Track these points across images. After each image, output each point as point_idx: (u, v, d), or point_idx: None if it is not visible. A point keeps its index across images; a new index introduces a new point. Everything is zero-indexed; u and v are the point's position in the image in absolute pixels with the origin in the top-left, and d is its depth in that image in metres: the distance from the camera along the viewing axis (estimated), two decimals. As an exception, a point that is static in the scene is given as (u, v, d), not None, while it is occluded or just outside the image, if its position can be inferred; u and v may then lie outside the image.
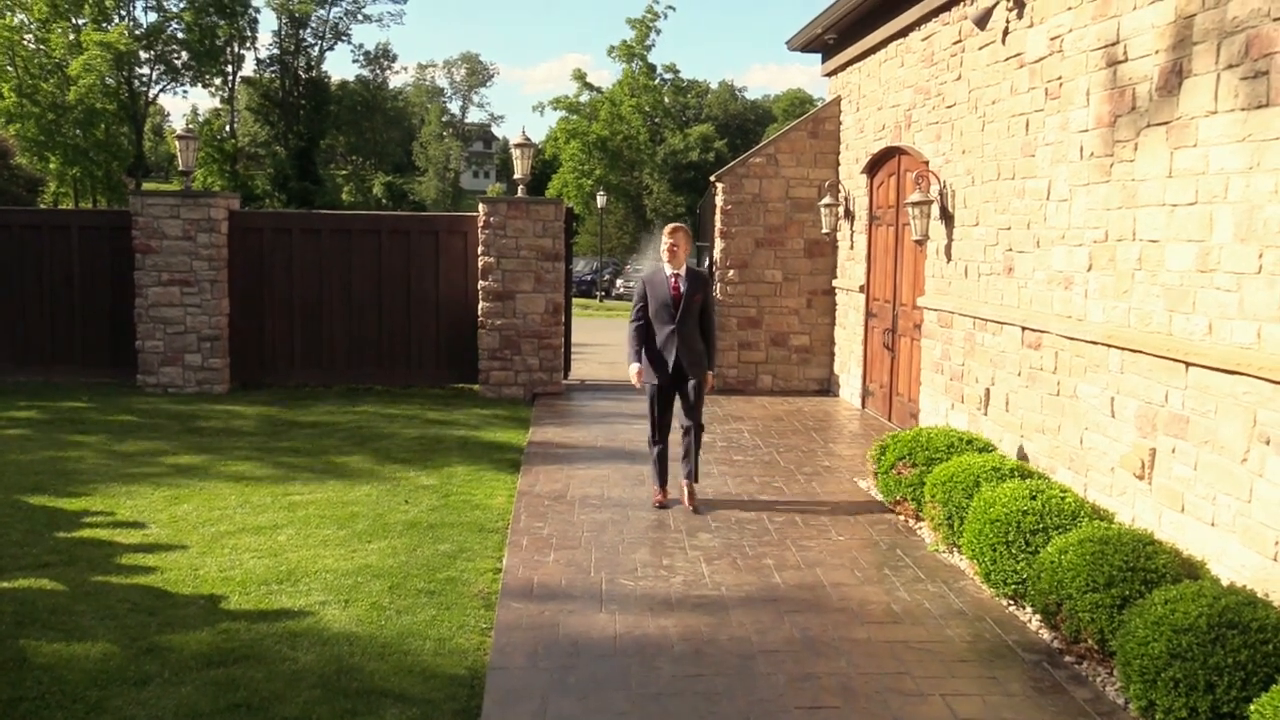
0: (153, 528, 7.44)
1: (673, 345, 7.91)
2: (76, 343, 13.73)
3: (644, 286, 8.08)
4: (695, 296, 7.93)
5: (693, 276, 8.00)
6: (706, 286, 8.12)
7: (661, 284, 7.96)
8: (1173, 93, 6.05)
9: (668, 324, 7.92)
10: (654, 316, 7.97)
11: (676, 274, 7.94)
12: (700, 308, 7.99)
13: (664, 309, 7.92)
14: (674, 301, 7.89)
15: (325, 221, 14.19)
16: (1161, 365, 6.09)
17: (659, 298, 7.94)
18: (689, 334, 7.95)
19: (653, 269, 8.17)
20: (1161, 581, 5.05)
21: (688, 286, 7.93)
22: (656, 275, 8.04)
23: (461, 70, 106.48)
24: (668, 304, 7.90)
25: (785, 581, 6.44)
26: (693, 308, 7.93)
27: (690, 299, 7.91)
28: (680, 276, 7.94)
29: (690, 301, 7.91)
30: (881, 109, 11.89)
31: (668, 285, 7.94)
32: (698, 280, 8.04)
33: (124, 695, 4.74)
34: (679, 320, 7.89)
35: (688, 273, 7.97)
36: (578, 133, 58.38)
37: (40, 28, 52.20)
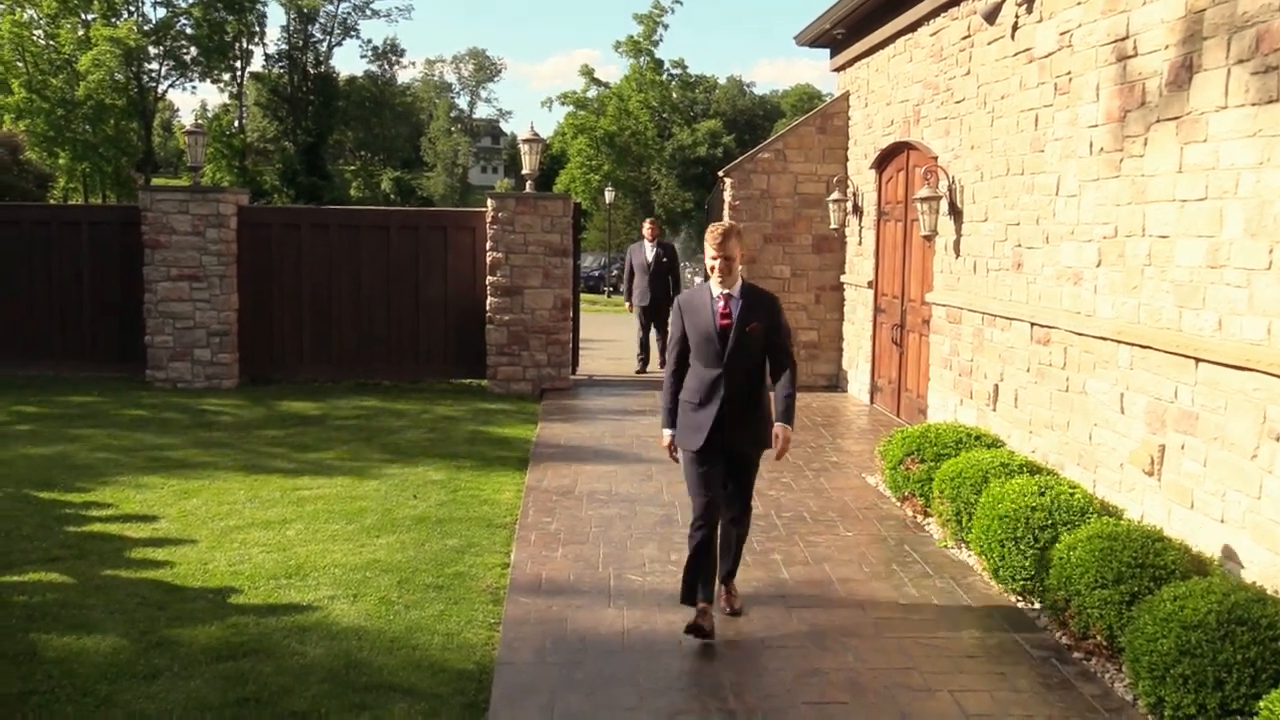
0: (162, 522, 7.47)
1: (716, 398, 5.51)
2: (86, 338, 13.76)
3: (680, 314, 5.70)
4: (752, 326, 5.51)
5: (752, 298, 5.60)
6: (774, 312, 5.65)
7: (703, 308, 5.58)
8: (1183, 88, 6.03)
9: (712, 367, 5.55)
10: (695, 356, 5.64)
11: (727, 294, 5.56)
12: (763, 343, 5.58)
13: (707, 345, 5.55)
14: (721, 334, 5.52)
15: (334, 217, 14.21)
16: (1171, 361, 6.08)
17: (700, 328, 5.57)
18: (744, 383, 5.55)
19: (690, 293, 5.79)
20: (1171, 578, 5.04)
21: (742, 312, 5.54)
22: (697, 297, 5.67)
23: (469, 65, 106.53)
24: (712, 337, 5.52)
25: (793, 577, 6.44)
26: (749, 344, 5.53)
27: (744, 330, 5.51)
28: (732, 298, 5.55)
29: (745, 334, 5.51)
30: (890, 104, 11.86)
31: (712, 311, 5.56)
32: (759, 303, 5.61)
33: (134, 689, 4.76)
34: (728, 361, 5.51)
35: (744, 292, 5.59)
36: (585, 128, 58.37)
37: (49, 23, 52.29)
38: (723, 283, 5.60)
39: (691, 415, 5.62)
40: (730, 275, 5.59)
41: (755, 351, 5.59)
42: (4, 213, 14.19)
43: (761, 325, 5.56)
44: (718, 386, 5.56)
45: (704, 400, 5.59)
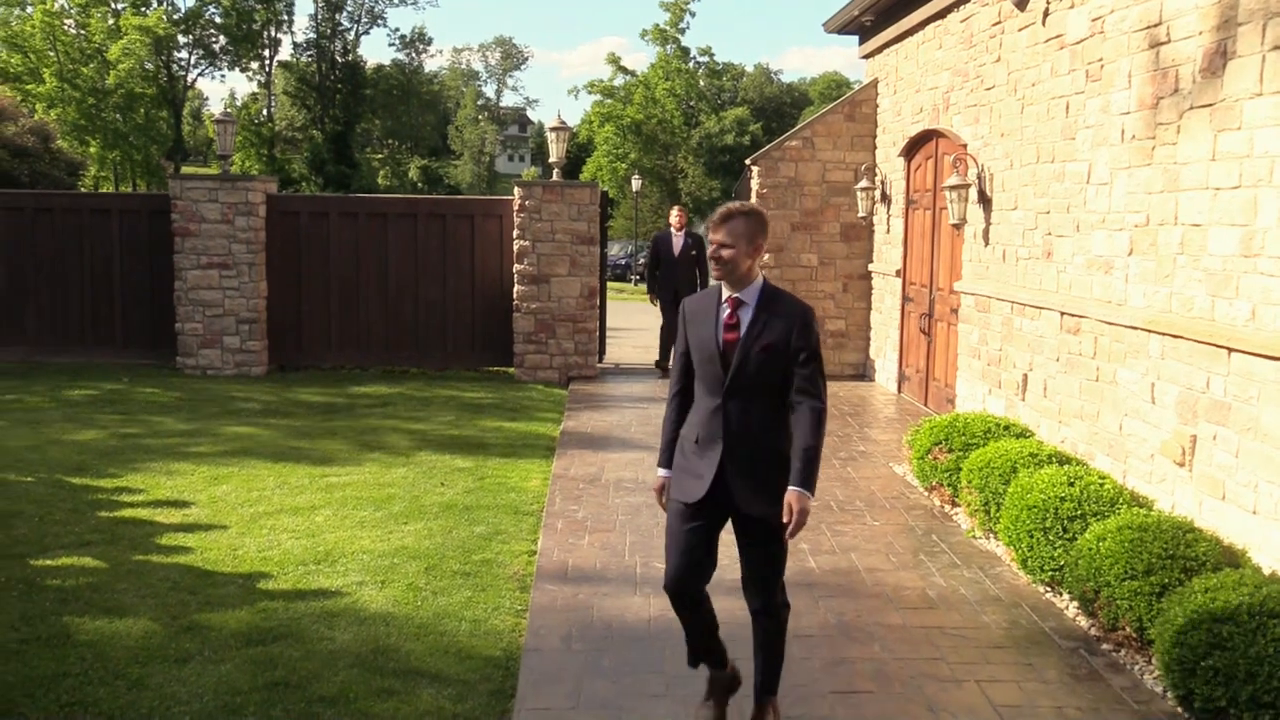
0: (192, 507, 7.53)
1: (717, 440, 4.18)
2: (117, 325, 13.88)
3: (683, 323, 4.37)
4: (765, 344, 4.10)
5: (771, 306, 4.17)
6: (802, 327, 4.11)
7: (708, 317, 4.25)
8: (1217, 74, 5.96)
9: (714, 395, 4.20)
10: (698, 379, 4.29)
11: (736, 299, 4.19)
12: (782, 367, 4.11)
13: (709, 366, 4.21)
14: (724, 353, 4.16)
15: (362, 205, 14.26)
16: (1203, 351, 6.02)
17: (703, 344, 4.23)
18: (754, 421, 4.16)
19: (698, 296, 4.43)
20: (1201, 569, 5.00)
21: (754, 325, 4.14)
22: (704, 302, 4.32)
23: (496, 54, 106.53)
24: (714, 356, 4.17)
25: (820, 566, 6.43)
26: (762, 368, 4.11)
27: (753, 350, 4.11)
28: (742, 304, 4.18)
29: (754, 353, 4.11)
30: (919, 91, 11.79)
31: (717, 321, 4.22)
32: (781, 313, 4.15)
33: (165, 672, 4.81)
34: (729, 390, 4.15)
35: (762, 299, 4.18)
36: (612, 116, 58.36)
37: (80, 13, 52.69)
38: (731, 283, 4.17)
39: (689, 458, 4.28)
40: (736, 273, 4.13)
41: (771, 379, 4.11)
42: (37, 201, 14.32)
43: (780, 344, 4.07)
44: (717, 424, 4.17)
45: (703, 440, 4.22)
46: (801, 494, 4.02)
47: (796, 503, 4.01)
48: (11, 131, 23.00)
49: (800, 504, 4.01)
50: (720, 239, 4.15)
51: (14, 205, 13.99)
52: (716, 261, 4.17)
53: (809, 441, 4.04)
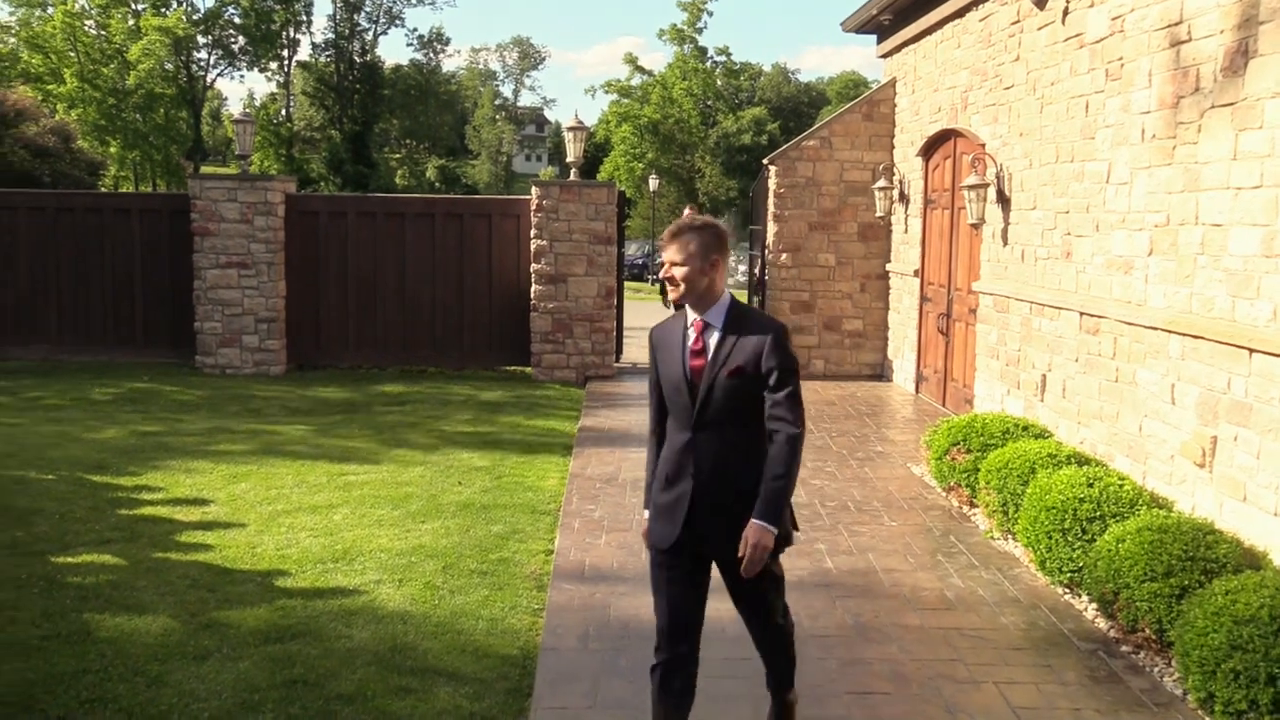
0: (211, 506, 7.57)
1: (686, 477, 3.85)
2: (138, 324, 13.96)
3: (653, 352, 4.04)
4: (733, 367, 3.77)
5: (738, 326, 3.82)
6: (774, 347, 3.76)
7: (674, 345, 3.93)
8: (1238, 73, 5.92)
9: (683, 429, 3.87)
10: (669, 411, 3.96)
11: (703, 321, 3.87)
12: (754, 392, 3.77)
13: (677, 397, 3.88)
14: (690, 382, 3.84)
15: (380, 205, 14.31)
16: (1224, 351, 5.98)
17: (670, 372, 3.91)
18: (725, 455, 3.83)
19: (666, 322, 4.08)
20: (1222, 571, 4.97)
21: (720, 348, 3.81)
22: (671, 326, 3.99)
23: (514, 54, 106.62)
24: (681, 386, 3.85)
25: (837, 566, 6.42)
26: (732, 397, 3.78)
27: (720, 374, 3.79)
28: (708, 328, 3.86)
29: (721, 379, 3.78)
30: (938, 91, 11.75)
31: (683, 349, 3.89)
32: (750, 334, 3.80)
33: (184, 669, 4.83)
34: (697, 421, 3.83)
35: (730, 318, 3.85)
36: (629, 116, 58.36)
37: (100, 14, 53.01)
38: (693, 304, 3.86)
39: (661, 496, 3.92)
40: (695, 292, 3.82)
41: (743, 406, 3.77)
42: (58, 200, 14.42)
43: (750, 366, 3.74)
44: (688, 459, 3.83)
45: (672, 478, 3.88)
46: (761, 528, 3.67)
47: (753, 536, 3.67)
48: (33, 132, 23.15)
49: (757, 538, 3.66)
50: (671, 257, 3.83)
51: (36, 205, 14.09)
52: (670, 283, 3.86)
53: (777, 470, 3.70)
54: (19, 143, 22.01)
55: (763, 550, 3.68)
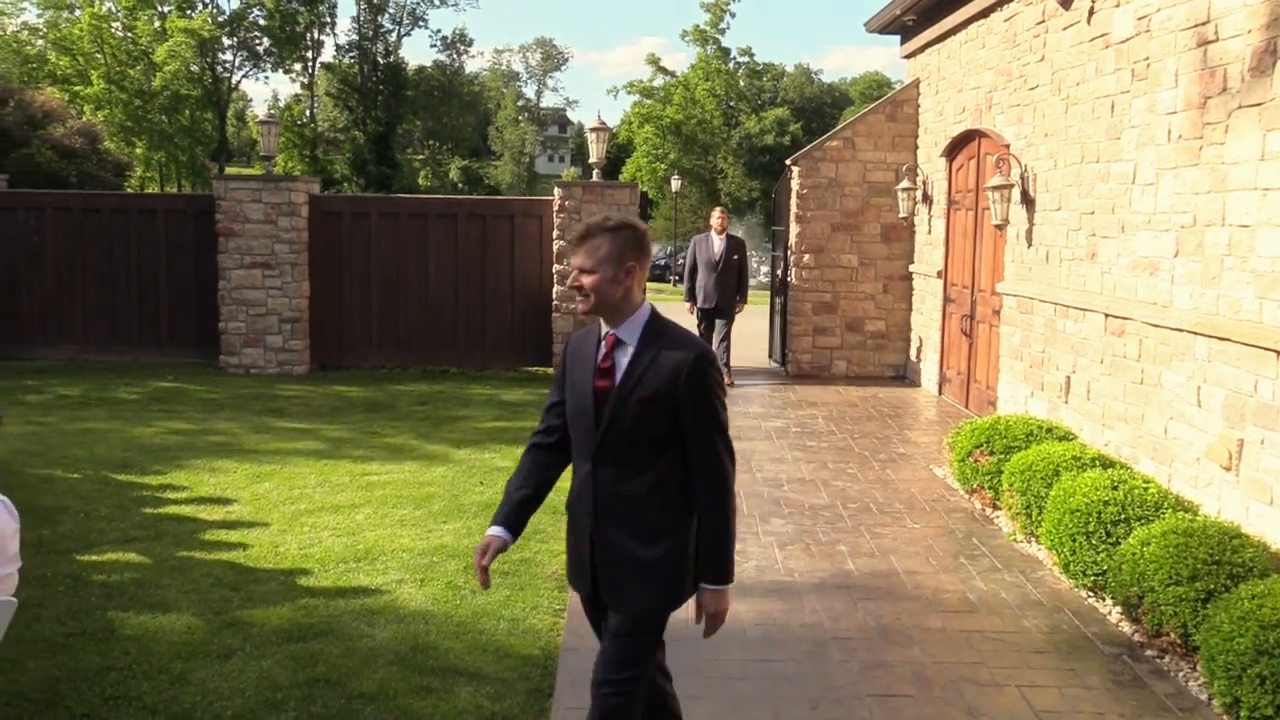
0: (235, 505, 7.61)
1: (588, 511, 3.39)
2: (163, 324, 14.05)
3: (564, 364, 3.54)
4: (644, 394, 3.27)
5: (655, 344, 3.31)
6: (692, 372, 3.25)
7: (586, 361, 3.42)
8: (1266, 73, 5.87)
9: (585, 458, 3.40)
10: (572, 435, 3.49)
11: (614, 337, 3.37)
12: (666, 424, 3.29)
13: (581, 420, 3.40)
14: (596, 405, 3.34)
15: (403, 205, 14.34)
16: (1251, 354, 5.93)
17: (577, 393, 3.42)
18: (626, 489, 3.32)
19: (584, 332, 3.55)
20: (1248, 575, 4.93)
21: (631, 370, 3.31)
22: (584, 341, 3.49)
23: (536, 55, 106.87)
24: (587, 408, 3.37)
25: (859, 568, 6.39)
26: (638, 423, 3.28)
27: (628, 400, 3.29)
28: (620, 344, 3.36)
29: (630, 406, 3.28)
30: (961, 91, 11.70)
31: (593, 365, 3.39)
32: (667, 353, 3.29)
33: (207, 667, 4.86)
34: (599, 451, 3.34)
35: (646, 336, 3.33)
36: (652, 117, 58.45)
37: (127, 16, 53.47)
38: (605, 318, 3.36)
39: (570, 534, 3.57)
40: (606, 304, 3.30)
41: (652, 440, 3.27)
42: (85, 201, 14.51)
43: (663, 395, 3.22)
44: (588, 494, 3.37)
45: (574, 512, 3.48)
46: (716, 593, 3.31)
47: (710, 605, 3.32)
48: (60, 133, 23.34)
49: (716, 607, 3.32)
50: (579, 263, 3.30)
51: (63, 206, 14.20)
52: (578, 291, 3.32)
53: (715, 522, 3.28)
54: (46, 144, 22.20)
55: (719, 618, 3.38)
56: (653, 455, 3.31)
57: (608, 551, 3.36)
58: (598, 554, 3.39)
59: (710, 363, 3.31)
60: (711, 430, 3.30)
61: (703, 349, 3.30)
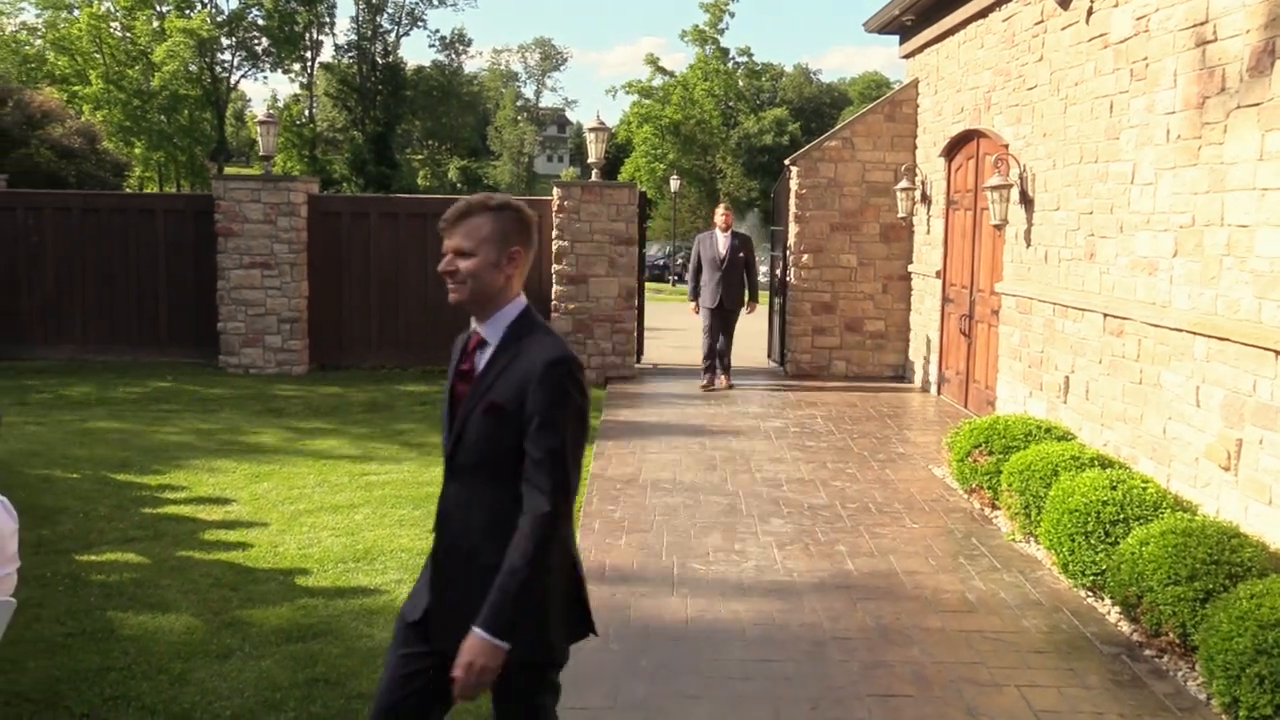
0: (234, 505, 7.61)
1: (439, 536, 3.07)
2: (162, 324, 14.05)
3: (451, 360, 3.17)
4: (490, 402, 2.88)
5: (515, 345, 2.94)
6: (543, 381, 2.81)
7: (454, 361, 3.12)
8: (1265, 73, 5.88)
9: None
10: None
11: (479, 335, 3.04)
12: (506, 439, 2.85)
13: (444, 430, 3.06)
14: (450, 409, 3.03)
15: (402, 205, 14.36)
16: (1250, 354, 5.93)
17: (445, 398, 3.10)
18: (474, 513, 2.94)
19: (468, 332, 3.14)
20: (1247, 575, 4.93)
21: (485, 375, 2.95)
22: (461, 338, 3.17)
23: (535, 55, 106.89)
24: (445, 417, 3.06)
25: (858, 568, 6.40)
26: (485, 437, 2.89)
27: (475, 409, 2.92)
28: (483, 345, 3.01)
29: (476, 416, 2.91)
30: (960, 91, 11.71)
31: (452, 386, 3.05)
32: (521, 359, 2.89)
33: (207, 667, 4.86)
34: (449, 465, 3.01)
35: (509, 335, 2.97)
36: (650, 117, 58.43)
37: (126, 15, 53.45)
38: (475, 311, 2.99)
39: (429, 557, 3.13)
40: (481, 294, 2.94)
41: (502, 457, 2.85)
42: (84, 201, 14.51)
43: (512, 405, 2.82)
44: (440, 515, 3.06)
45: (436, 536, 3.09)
46: (483, 641, 2.71)
47: (467, 652, 2.72)
48: (59, 133, 23.32)
49: (474, 656, 2.72)
50: (455, 244, 2.90)
51: (62, 206, 14.20)
52: (450, 277, 2.92)
53: (513, 560, 2.73)
54: (45, 144, 22.18)
55: (483, 673, 2.72)
56: (499, 479, 2.84)
57: (447, 582, 2.92)
58: (436, 584, 2.97)
59: (567, 373, 2.81)
60: (549, 455, 2.76)
61: (561, 354, 2.83)
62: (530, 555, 2.73)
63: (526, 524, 2.75)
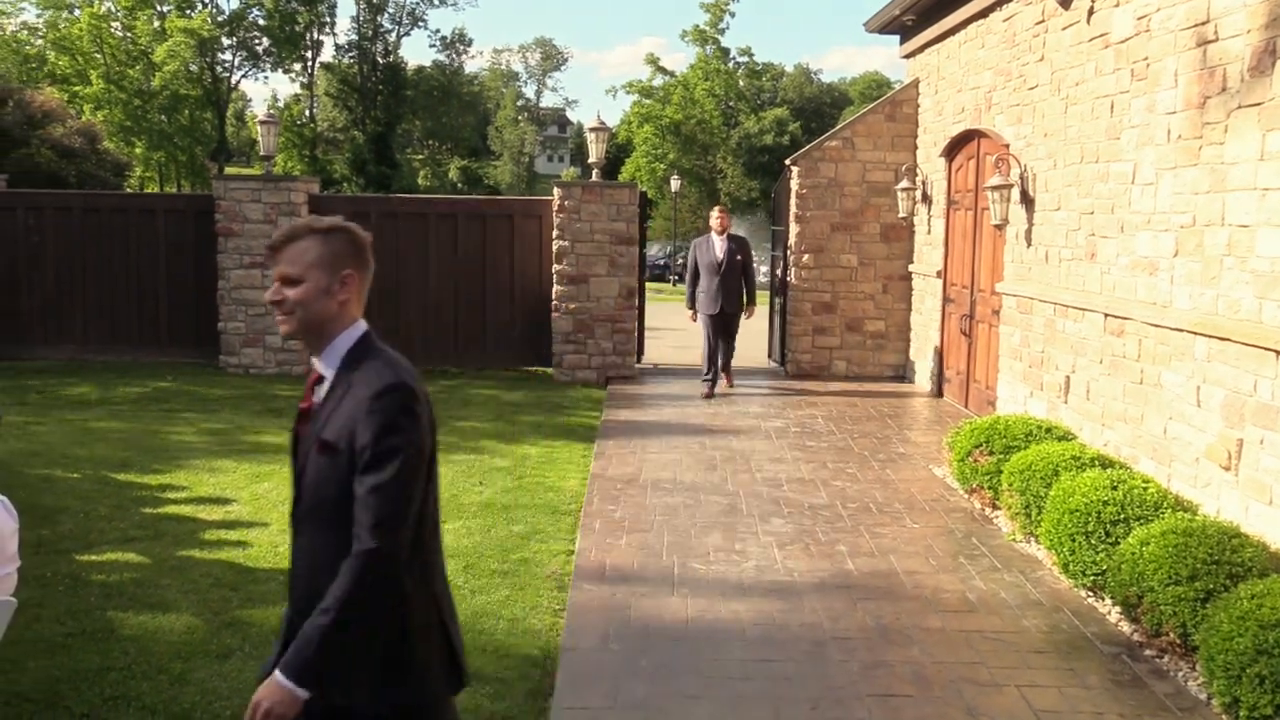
0: (234, 505, 7.61)
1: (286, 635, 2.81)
2: (162, 324, 14.06)
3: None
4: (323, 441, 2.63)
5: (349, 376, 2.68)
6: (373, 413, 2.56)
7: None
8: (1265, 73, 5.87)
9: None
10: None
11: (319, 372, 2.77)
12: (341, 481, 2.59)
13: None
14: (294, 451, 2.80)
15: (402, 205, 14.36)
16: (1250, 354, 5.93)
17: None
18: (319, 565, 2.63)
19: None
20: (1248, 575, 4.93)
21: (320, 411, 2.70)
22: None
23: (536, 54, 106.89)
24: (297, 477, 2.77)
25: (858, 568, 6.40)
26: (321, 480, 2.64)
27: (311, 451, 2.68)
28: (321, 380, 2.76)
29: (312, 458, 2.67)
30: (961, 91, 11.70)
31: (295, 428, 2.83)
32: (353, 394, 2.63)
33: (207, 668, 4.86)
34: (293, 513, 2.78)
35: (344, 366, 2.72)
36: (651, 117, 58.45)
37: (127, 15, 53.48)
38: (308, 342, 2.75)
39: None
40: (312, 324, 2.71)
41: (336, 504, 2.60)
42: (84, 201, 14.52)
43: (342, 441, 2.58)
44: (290, 569, 2.83)
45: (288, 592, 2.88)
46: (278, 685, 2.52)
47: (260, 694, 2.54)
48: (59, 133, 23.33)
49: (264, 697, 2.53)
50: (282, 271, 2.69)
51: (63, 205, 14.20)
52: (276, 306, 2.70)
53: (325, 602, 2.51)
54: (46, 143, 22.18)
55: (268, 715, 2.51)
56: (338, 528, 2.59)
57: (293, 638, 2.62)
58: (286, 638, 2.73)
59: (396, 402, 2.57)
60: (369, 488, 2.52)
61: (390, 383, 2.59)
62: (344, 597, 2.49)
63: (347, 563, 2.51)
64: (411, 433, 2.57)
